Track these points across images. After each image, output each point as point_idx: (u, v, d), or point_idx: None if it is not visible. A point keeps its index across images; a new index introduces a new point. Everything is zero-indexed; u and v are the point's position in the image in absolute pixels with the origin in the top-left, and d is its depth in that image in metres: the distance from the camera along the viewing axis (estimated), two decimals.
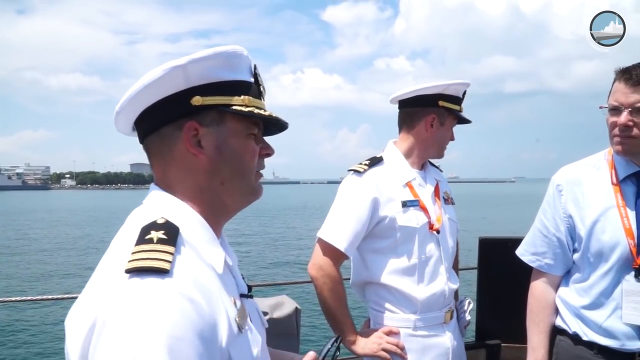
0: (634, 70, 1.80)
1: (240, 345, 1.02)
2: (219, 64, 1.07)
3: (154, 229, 0.99)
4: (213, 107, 1.07)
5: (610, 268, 1.87)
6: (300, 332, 3.23)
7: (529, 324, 2.11)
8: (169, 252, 0.95)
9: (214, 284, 1.01)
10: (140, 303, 0.88)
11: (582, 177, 2.00)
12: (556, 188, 2.04)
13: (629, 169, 1.90)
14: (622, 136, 1.83)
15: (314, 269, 2.22)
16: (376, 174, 2.25)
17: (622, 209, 1.87)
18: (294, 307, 3.16)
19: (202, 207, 1.10)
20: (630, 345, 1.83)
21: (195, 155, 1.07)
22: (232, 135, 1.09)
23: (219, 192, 1.11)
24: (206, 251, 1.05)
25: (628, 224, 1.85)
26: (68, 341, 0.95)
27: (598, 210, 1.90)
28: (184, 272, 0.95)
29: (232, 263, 1.16)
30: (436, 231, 2.25)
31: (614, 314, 1.86)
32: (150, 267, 0.91)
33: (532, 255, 2.11)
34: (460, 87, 2.32)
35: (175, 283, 0.91)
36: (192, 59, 1.04)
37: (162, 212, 1.04)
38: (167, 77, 1.04)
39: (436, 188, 2.36)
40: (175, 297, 0.90)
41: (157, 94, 1.05)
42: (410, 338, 2.21)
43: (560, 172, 2.07)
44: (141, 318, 0.86)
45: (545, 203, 2.09)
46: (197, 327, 0.90)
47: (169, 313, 0.88)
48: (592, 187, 1.95)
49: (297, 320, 3.16)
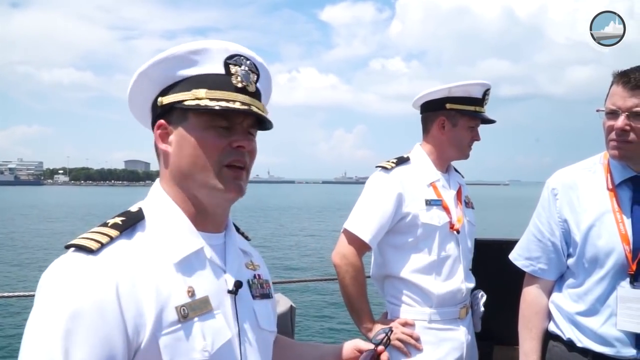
0: (632, 73, 1.79)
1: (176, 336, 1.02)
2: (177, 64, 1.13)
3: (120, 215, 1.10)
4: (175, 106, 1.13)
5: (606, 274, 1.85)
6: (295, 330, 3.23)
7: (521, 329, 2.10)
8: (109, 235, 1.04)
9: (157, 272, 1.03)
10: (56, 272, 0.99)
11: (577, 181, 1.98)
12: (551, 192, 2.02)
13: (625, 174, 1.89)
14: (618, 141, 1.82)
15: (338, 257, 2.32)
16: (403, 172, 2.36)
17: (617, 214, 1.85)
18: (289, 305, 3.16)
19: (181, 200, 1.15)
20: (625, 352, 1.81)
21: (165, 151, 1.16)
22: (191, 130, 1.13)
23: (189, 186, 1.15)
24: (168, 240, 1.09)
25: (624, 229, 1.83)
26: None
27: (593, 215, 1.88)
28: (113, 255, 1.01)
29: (230, 258, 1.19)
30: (456, 231, 2.35)
31: (608, 320, 1.84)
32: (79, 245, 1.01)
33: (526, 260, 2.10)
34: (472, 87, 2.36)
35: (94, 261, 0.99)
36: (151, 62, 1.14)
37: (144, 202, 1.16)
38: (137, 83, 1.17)
39: (459, 191, 2.47)
40: (88, 273, 0.97)
41: (140, 98, 1.20)
42: (426, 330, 2.30)
43: (555, 175, 2.05)
44: (51, 285, 0.97)
45: (540, 207, 2.07)
46: (102, 305, 0.95)
47: (77, 286, 0.95)
48: (588, 192, 1.94)
49: (292, 318, 3.16)
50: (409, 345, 2.25)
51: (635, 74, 1.78)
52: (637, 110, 1.77)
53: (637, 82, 1.76)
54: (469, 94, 2.35)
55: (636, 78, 1.77)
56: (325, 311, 12.16)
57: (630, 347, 1.81)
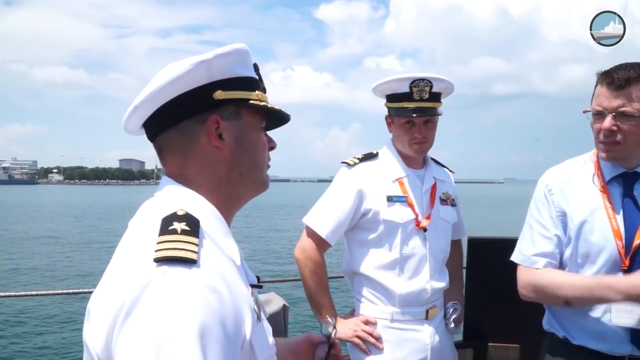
0: (615, 73, 1.78)
1: (260, 334, 1.06)
2: (237, 60, 1.13)
3: (176, 220, 1.01)
4: (232, 102, 1.11)
5: (599, 270, 1.84)
6: (288, 328, 3.24)
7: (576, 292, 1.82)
8: (194, 242, 0.98)
9: (234, 275, 1.04)
10: (170, 291, 0.90)
11: (569, 176, 1.98)
12: (545, 188, 2.00)
13: (615, 171, 1.89)
14: (607, 142, 1.82)
15: (299, 251, 2.34)
16: (366, 168, 2.34)
17: (609, 210, 1.86)
18: (282, 304, 3.17)
19: (218, 199, 1.13)
20: (620, 348, 1.81)
21: (218, 148, 1.10)
22: (248, 129, 1.14)
23: (237, 183, 1.14)
24: (224, 243, 1.08)
25: (616, 225, 1.83)
26: (90, 326, 0.97)
27: (586, 212, 1.89)
28: (208, 262, 0.97)
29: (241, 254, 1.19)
30: (423, 229, 2.28)
31: (603, 316, 1.83)
32: (178, 257, 0.93)
33: (534, 257, 1.97)
34: (393, 84, 2.29)
35: (201, 273, 0.94)
36: (217, 54, 1.09)
37: (181, 205, 1.07)
38: (193, 71, 1.07)
39: (433, 187, 2.39)
40: (202, 287, 0.92)
41: (181, 87, 1.08)
42: (387, 330, 2.27)
43: (547, 173, 2.05)
44: (169, 306, 0.88)
45: (539, 204, 2.02)
46: (222, 317, 0.92)
47: (198, 302, 0.90)
48: (580, 187, 1.94)
49: (285, 317, 3.17)
50: (368, 343, 2.23)
51: (618, 73, 1.77)
52: (623, 111, 1.77)
53: (622, 82, 1.76)
54: (393, 90, 2.29)
55: (620, 78, 1.76)
56: None
57: (624, 343, 1.80)
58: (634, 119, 1.77)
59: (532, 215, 2.04)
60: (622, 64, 1.81)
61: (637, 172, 1.88)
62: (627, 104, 1.76)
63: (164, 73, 1.09)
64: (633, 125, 1.78)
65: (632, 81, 1.76)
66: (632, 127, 1.78)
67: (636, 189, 1.88)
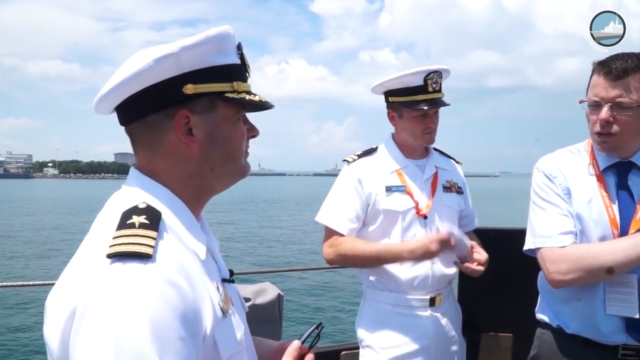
0: (613, 63, 1.76)
1: (225, 330, 1.02)
2: (210, 50, 1.04)
3: (135, 213, 0.98)
4: (204, 95, 1.04)
5: None
6: (283, 318, 3.25)
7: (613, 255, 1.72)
8: (151, 236, 0.94)
9: (196, 270, 1.00)
10: (123, 289, 0.87)
11: (567, 164, 1.96)
12: (545, 172, 1.96)
13: (609, 160, 1.88)
14: (602, 133, 1.80)
15: (325, 253, 2.38)
16: (364, 163, 2.42)
17: (606, 199, 1.85)
18: (277, 293, 3.18)
19: (186, 193, 1.08)
20: (614, 337, 1.79)
21: (187, 144, 1.05)
22: (223, 122, 1.08)
23: (208, 177, 1.10)
24: (188, 237, 1.04)
25: (612, 213, 1.83)
26: (48, 324, 0.94)
27: (585, 198, 1.87)
28: (166, 257, 0.93)
29: (214, 247, 1.14)
30: (423, 216, 2.32)
31: (598, 305, 1.82)
32: (132, 252, 0.90)
33: (560, 236, 1.84)
34: (406, 78, 2.32)
35: (157, 268, 0.90)
36: (184, 45, 1.01)
37: (144, 197, 1.03)
38: (158, 65, 1.00)
39: (435, 175, 2.44)
40: (158, 282, 0.89)
41: (146, 81, 1.02)
42: (391, 315, 2.31)
43: (544, 160, 2.00)
44: (124, 304, 0.86)
45: (545, 188, 1.94)
46: (180, 312, 0.89)
47: (152, 298, 0.87)
48: (576, 175, 1.92)
49: (279, 306, 3.18)
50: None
51: (616, 63, 1.75)
52: (619, 101, 1.75)
53: (619, 72, 1.74)
54: (405, 84, 2.32)
55: (618, 68, 1.74)
56: (312, 299, 12.28)
57: (619, 332, 1.79)
58: (630, 110, 1.75)
59: (540, 199, 1.95)
60: (619, 54, 1.79)
61: (632, 161, 1.88)
62: (625, 95, 1.74)
63: (128, 65, 1.02)
64: (629, 117, 1.76)
65: (630, 71, 1.74)
66: (629, 118, 1.77)
67: (630, 178, 1.87)
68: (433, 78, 2.31)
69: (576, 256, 1.78)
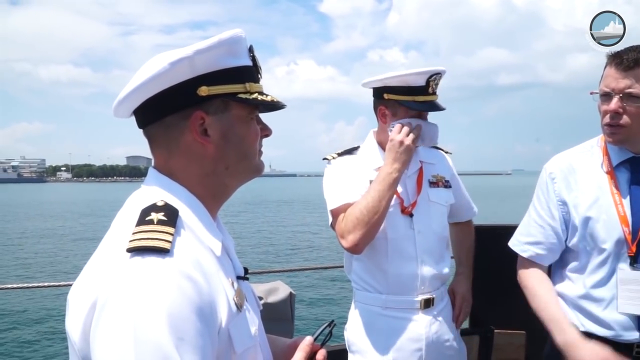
0: (625, 54, 1.75)
1: (239, 324, 1.06)
2: (223, 52, 1.09)
3: (154, 210, 1.02)
4: (218, 96, 1.09)
5: (606, 256, 1.83)
6: (295, 316, 3.26)
7: (540, 312, 1.95)
8: (169, 232, 0.98)
9: (212, 265, 1.04)
10: (141, 282, 0.91)
11: (574, 165, 1.96)
12: (549, 176, 1.99)
13: (622, 156, 1.87)
14: (612, 125, 1.80)
15: (343, 240, 2.18)
16: (344, 161, 2.37)
17: (616, 196, 1.83)
18: (289, 292, 3.20)
19: (203, 191, 1.12)
20: (628, 335, 1.79)
21: (202, 144, 1.10)
22: (237, 122, 1.13)
23: (223, 175, 1.14)
24: (204, 234, 1.08)
25: (623, 211, 1.81)
26: (69, 318, 0.98)
27: (592, 198, 1.87)
28: (183, 252, 0.97)
29: (229, 245, 1.18)
30: (409, 214, 2.26)
31: (610, 303, 1.81)
32: (151, 247, 0.94)
33: (525, 245, 2.05)
34: (409, 77, 2.25)
35: (175, 262, 0.94)
36: (198, 49, 1.06)
37: (162, 196, 1.07)
38: (173, 68, 1.05)
39: (420, 171, 2.36)
40: (175, 275, 0.92)
41: (163, 84, 1.07)
42: (380, 317, 2.25)
43: (552, 160, 2.03)
44: (142, 296, 0.89)
45: (539, 191, 2.03)
46: (197, 305, 0.93)
47: (170, 291, 0.90)
48: (586, 175, 1.92)
49: (291, 305, 3.20)
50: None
51: (628, 54, 1.75)
52: (630, 92, 1.74)
53: (630, 62, 1.73)
54: (406, 83, 2.24)
55: (629, 58, 1.73)
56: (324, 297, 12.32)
57: (632, 330, 1.78)
58: None
59: (534, 202, 2.06)
60: (632, 46, 1.79)
61: None
62: (635, 85, 1.74)
63: (145, 69, 1.07)
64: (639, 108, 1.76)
65: None
66: (639, 109, 1.76)
67: None
68: (435, 80, 2.26)
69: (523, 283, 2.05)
